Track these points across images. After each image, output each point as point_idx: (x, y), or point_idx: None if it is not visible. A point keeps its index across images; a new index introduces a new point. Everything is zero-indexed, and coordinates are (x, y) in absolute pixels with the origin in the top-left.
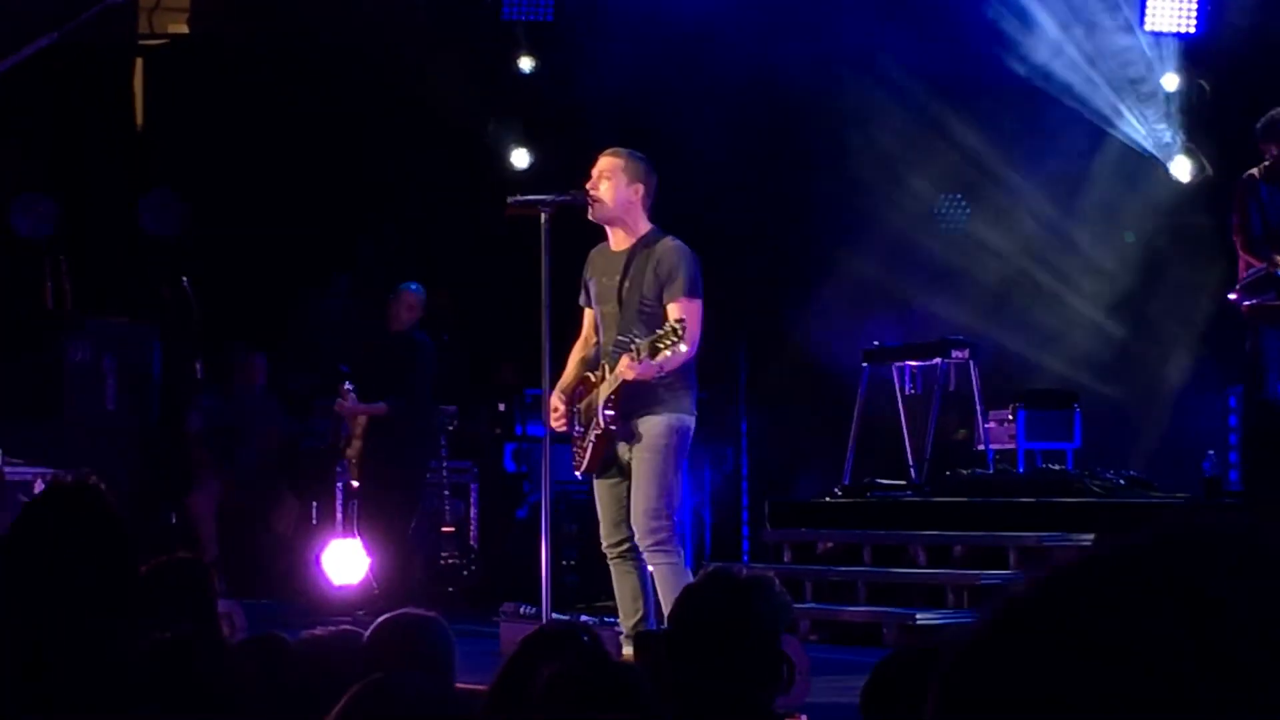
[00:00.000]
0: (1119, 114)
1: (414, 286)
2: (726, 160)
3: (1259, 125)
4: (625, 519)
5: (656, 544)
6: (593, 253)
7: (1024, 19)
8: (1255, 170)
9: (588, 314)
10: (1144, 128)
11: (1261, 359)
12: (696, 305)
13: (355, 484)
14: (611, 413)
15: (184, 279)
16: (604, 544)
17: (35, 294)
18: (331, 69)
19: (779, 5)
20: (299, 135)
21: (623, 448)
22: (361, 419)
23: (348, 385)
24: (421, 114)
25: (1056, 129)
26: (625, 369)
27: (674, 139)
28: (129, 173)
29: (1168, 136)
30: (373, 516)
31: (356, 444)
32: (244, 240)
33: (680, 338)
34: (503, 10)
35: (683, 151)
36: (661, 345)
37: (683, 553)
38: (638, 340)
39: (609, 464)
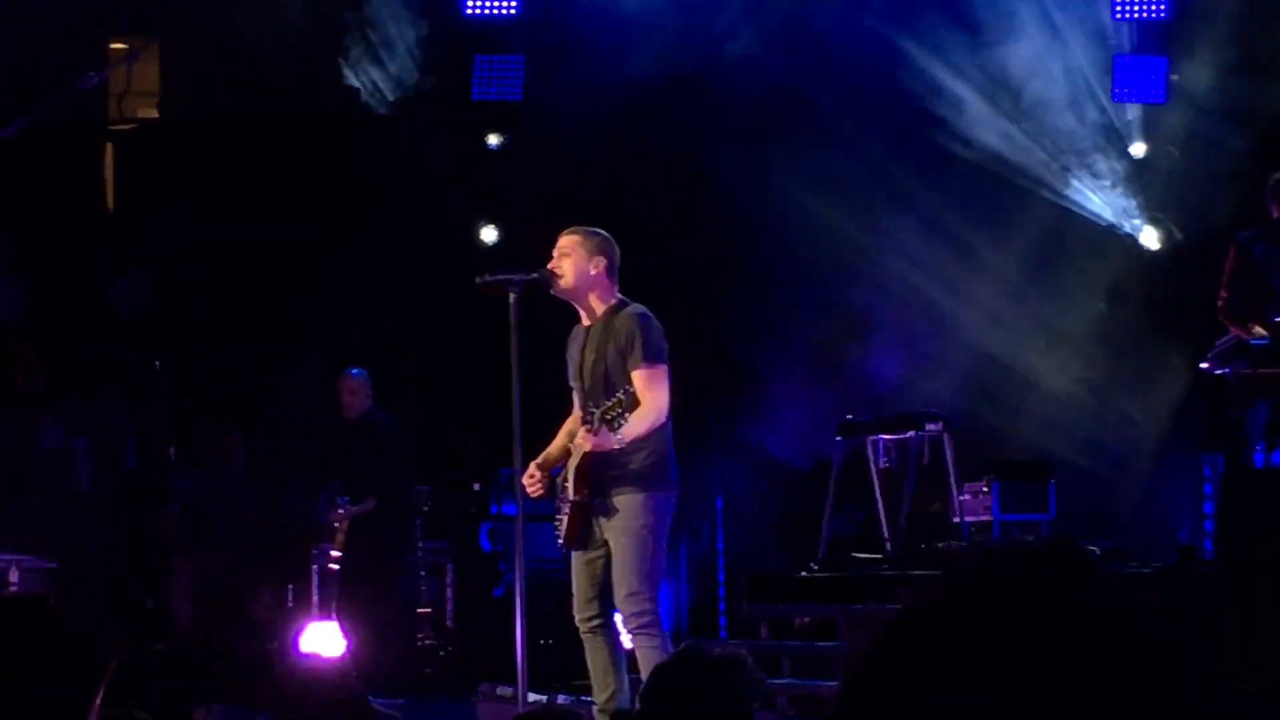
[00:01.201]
0: (1079, 190)
1: (356, 371)
2: (687, 232)
3: (1270, 182)
4: (598, 594)
5: (640, 626)
6: (573, 330)
7: (975, 99)
8: (1252, 229)
9: (576, 390)
10: (1105, 200)
11: (1244, 428)
12: (658, 371)
13: (334, 567)
14: (577, 485)
15: (155, 361)
16: (576, 618)
17: (6, 377)
18: (299, 151)
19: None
20: (268, 216)
21: (600, 523)
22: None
23: (342, 499)
24: (391, 192)
25: (1020, 202)
26: (582, 440)
27: (634, 214)
28: (99, 255)
29: (1132, 207)
30: (353, 600)
31: (341, 536)
32: (216, 320)
33: (627, 405)
34: (473, 90)
35: (642, 226)
36: (610, 415)
37: (666, 633)
38: (593, 411)
39: (585, 538)
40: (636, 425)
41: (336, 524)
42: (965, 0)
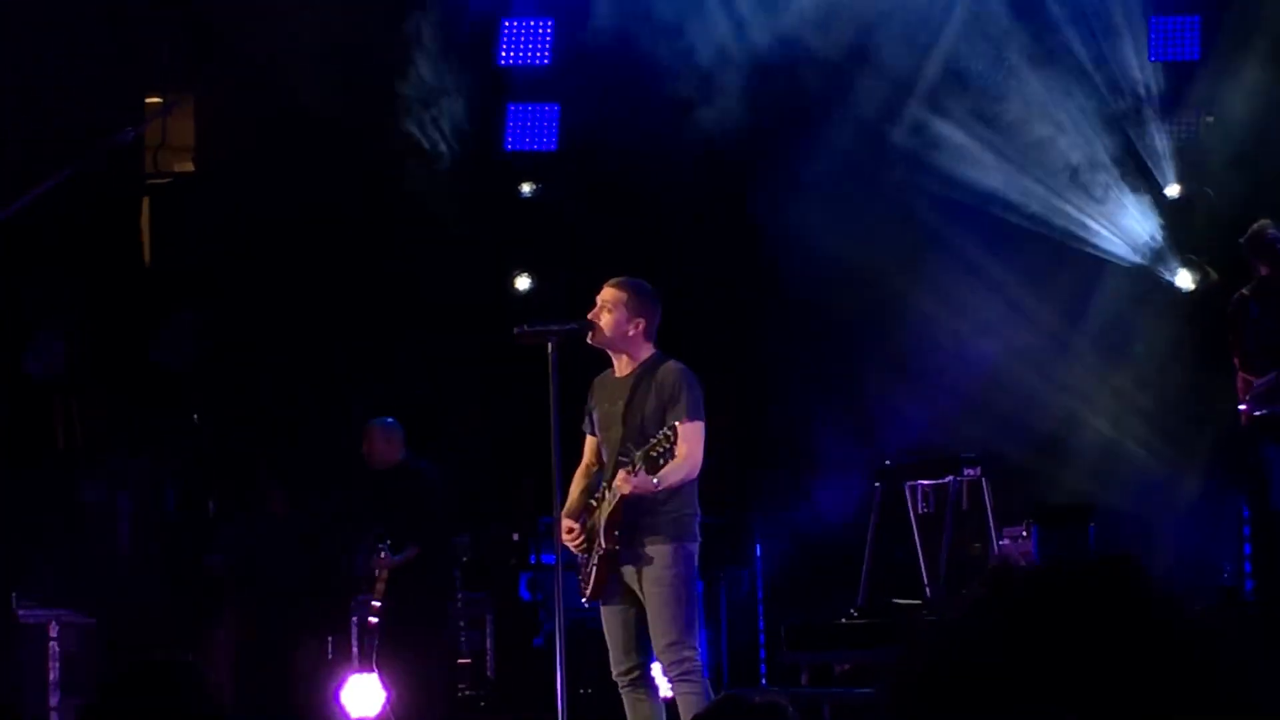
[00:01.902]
0: (1112, 239)
1: (382, 421)
2: (722, 277)
3: (1243, 241)
4: (635, 646)
5: (682, 674)
6: (596, 380)
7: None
8: (1245, 290)
9: (589, 441)
10: (1137, 245)
11: (1265, 471)
12: (698, 427)
13: (373, 620)
14: (616, 533)
15: (194, 415)
16: (614, 672)
17: (47, 434)
18: (333, 203)
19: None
20: (303, 268)
21: (628, 573)
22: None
23: (383, 545)
24: (426, 241)
25: (1058, 249)
26: (621, 483)
27: (669, 260)
28: (138, 309)
29: (1166, 251)
30: (395, 651)
31: (381, 586)
32: (255, 372)
33: (672, 443)
34: (505, 142)
35: (680, 272)
36: (655, 452)
37: (707, 682)
38: (634, 453)
39: (614, 590)
40: (673, 473)
41: (377, 573)
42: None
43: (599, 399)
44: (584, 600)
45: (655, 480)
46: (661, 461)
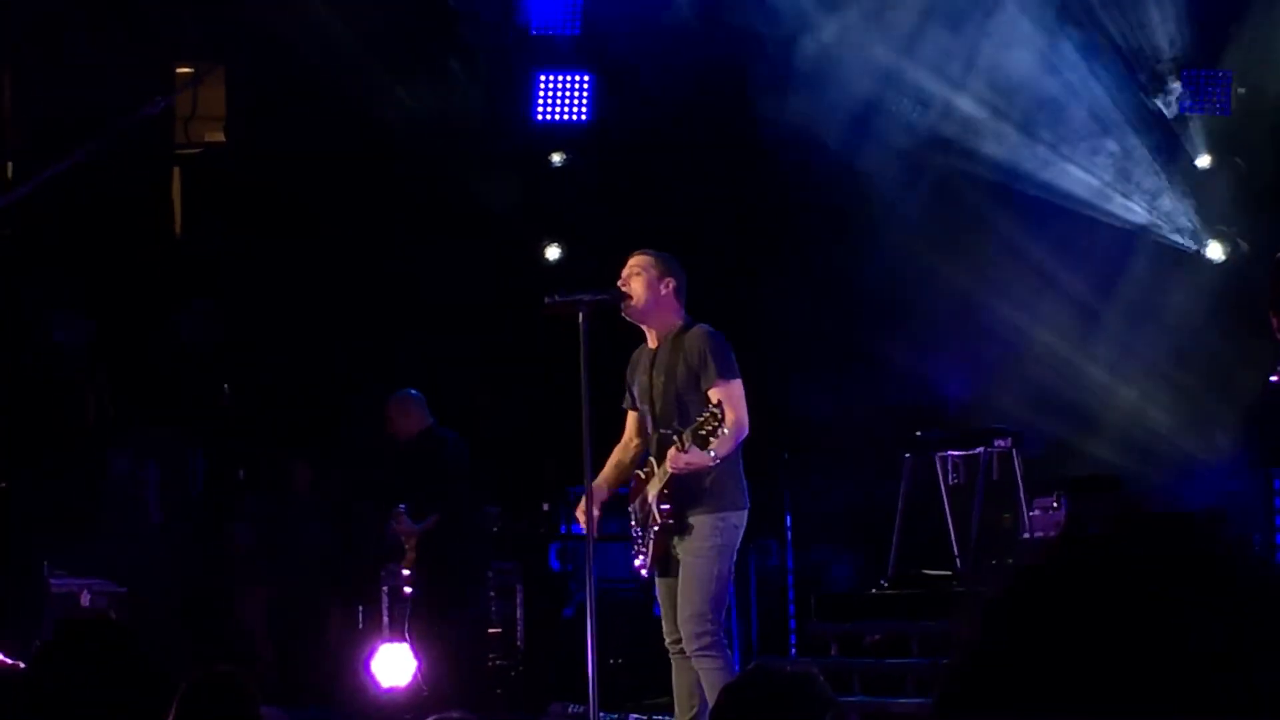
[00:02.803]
0: (1141, 211)
1: (404, 393)
2: (757, 246)
3: None
4: None
5: (702, 648)
6: (635, 354)
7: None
8: None
9: (631, 416)
10: (1167, 221)
11: None
12: (735, 385)
13: (407, 590)
14: (667, 507)
15: (224, 386)
16: (666, 639)
17: (76, 406)
18: (364, 173)
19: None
20: (334, 239)
21: (676, 544)
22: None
23: (401, 507)
24: (456, 211)
25: (1089, 222)
26: (671, 461)
27: (698, 233)
28: (168, 281)
29: (1195, 222)
30: (426, 620)
31: (410, 554)
32: (283, 344)
33: (720, 420)
34: (534, 111)
35: (709, 243)
36: (704, 430)
37: (730, 653)
38: (680, 430)
39: (669, 561)
40: (726, 441)
41: (405, 541)
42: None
43: (636, 373)
44: (643, 572)
45: (711, 454)
46: (712, 438)
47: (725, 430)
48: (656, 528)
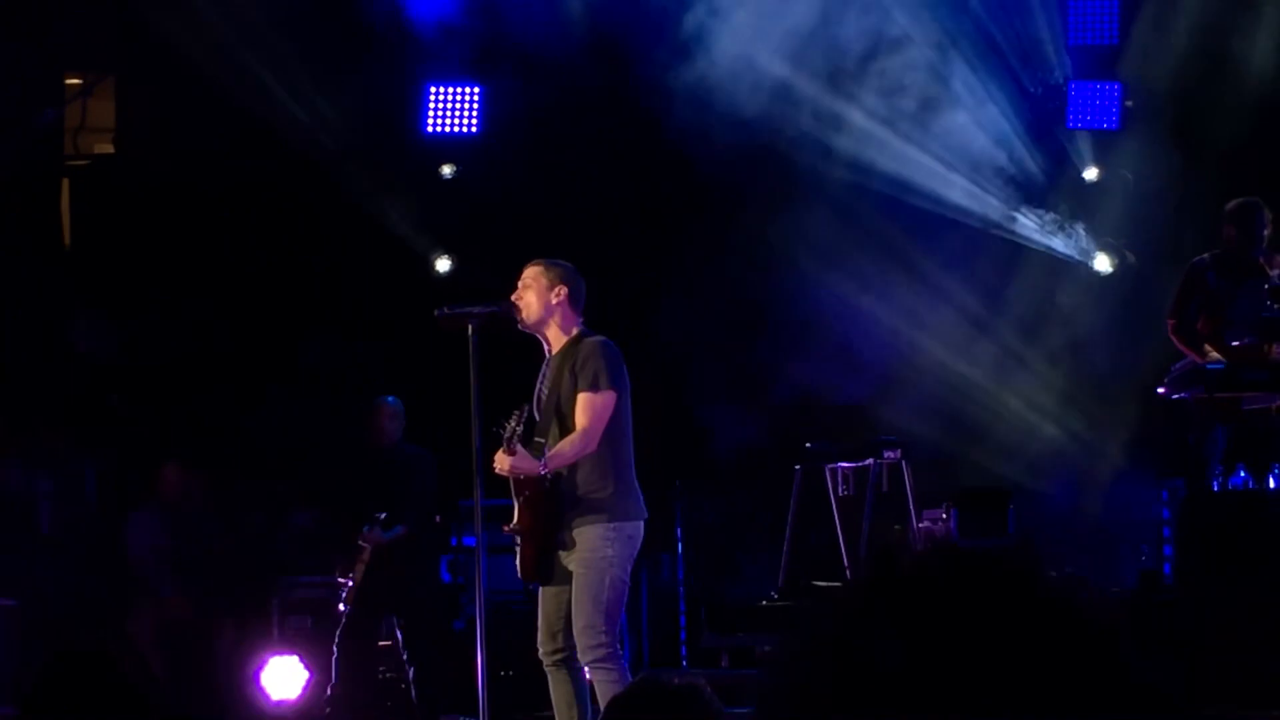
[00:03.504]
0: (1030, 226)
1: (391, 399)
2: (649, 260)
3: (1229, 206)
4: (563, 628)
5: (596, 660)
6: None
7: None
8: (1206, 256)
9: None
10: (1055, 233)
11: (1203, 452)
12: (600, 397)
13: (342, 607)
14: (521, 513)
15: (113, 397)
16: (540, 651)
17: None
18: (257, 183)
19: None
20: (227, 250)
21: (563, 555)
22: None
23: (381, 515)
24: (348, 223)
25: (975, 236)
26: (498, 462)
27: (592, 241)
28: (58, 293)
29: (1081, 237)
30: (360, 634)
31: (361, 565)
32: (176, 358)
33: (518, 424)
34: (423, 123)
35: (602, 255)
36: (509, 435)
37: (624, 665)
38: (508, 432)
39: (547, 572)
40: (564, 450)
41: (361, 553)
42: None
43: (538, 381)
44: (523, 581)
45: (543, 461)
46: (513, 443)
47: (565, 439)
48: (514, 527)
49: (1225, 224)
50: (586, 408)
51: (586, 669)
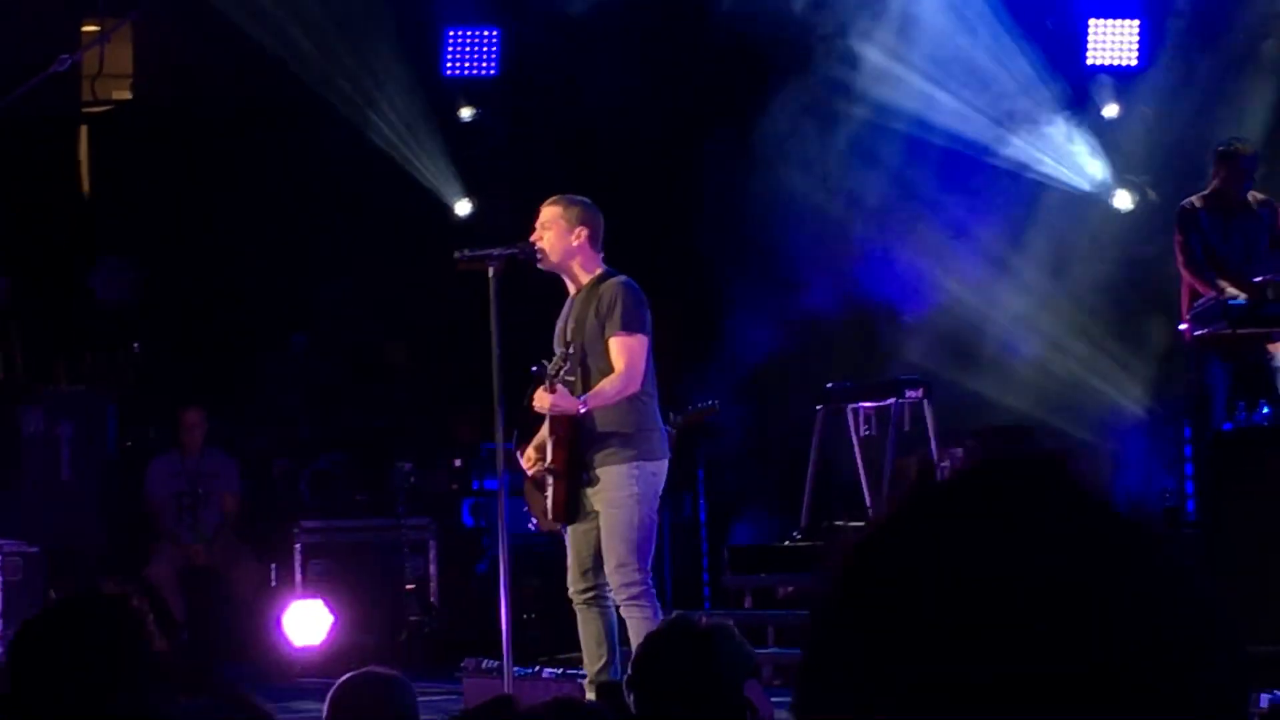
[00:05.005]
0: (1049, 160)
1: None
2: (670, 201)
3: (1219, 146)
4: (593, 566)
5: (630, 598)
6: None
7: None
8: (1195, 198)
9: None
10: (1076, 166)
11: (1207, 390)
12: (635, 340)
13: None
14: (555, 452)
15: (134, 344)
16: (570, 589)
17: None
18: (276, 128)
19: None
20: (246, 196)
21: (588, 494)
22: None
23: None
24: (367, 167)
25: (995, 173)
26: (539, 399)
27: (615, 181)
28: (78, 240)
29: (1101, 172)
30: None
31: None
32: (197, 303)
33: (565, 363)
34: (443, 66)
35: (623, 194)
36: (555, 372)
37: (658, 603)
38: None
39: (574, 511)
40: (605, 389)
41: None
42: None
43: (560, 320)
44: (548, 522)
45: (581, 399)
46: (565, 380)
47: (605, 380)
48: (549, 466)
49: (1215, 163)
50: (623, 350)
51: (621, 607)
